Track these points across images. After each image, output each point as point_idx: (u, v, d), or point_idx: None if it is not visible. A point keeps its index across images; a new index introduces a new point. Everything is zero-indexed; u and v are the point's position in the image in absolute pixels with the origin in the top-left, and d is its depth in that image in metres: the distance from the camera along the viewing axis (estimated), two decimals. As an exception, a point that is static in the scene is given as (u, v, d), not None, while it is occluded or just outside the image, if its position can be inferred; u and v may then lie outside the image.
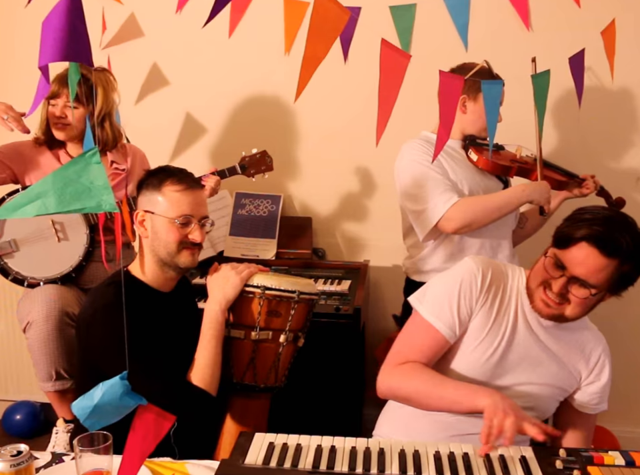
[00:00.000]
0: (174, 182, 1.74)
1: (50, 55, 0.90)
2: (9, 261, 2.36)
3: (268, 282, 1.77)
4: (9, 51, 2.99)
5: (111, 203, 0.86)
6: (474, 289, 1.66)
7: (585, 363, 1.70)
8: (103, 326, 1.66)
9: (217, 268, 1.81)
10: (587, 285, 1.54)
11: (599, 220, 1.53)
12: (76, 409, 1.09)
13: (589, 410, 1.72)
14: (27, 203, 0.87)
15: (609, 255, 1.50)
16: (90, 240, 2.40)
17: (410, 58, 1.25)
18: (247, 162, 2.57)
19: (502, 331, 1.67)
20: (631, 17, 2.58)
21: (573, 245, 1.53)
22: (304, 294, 1.80)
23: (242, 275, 1.75)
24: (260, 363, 1.80)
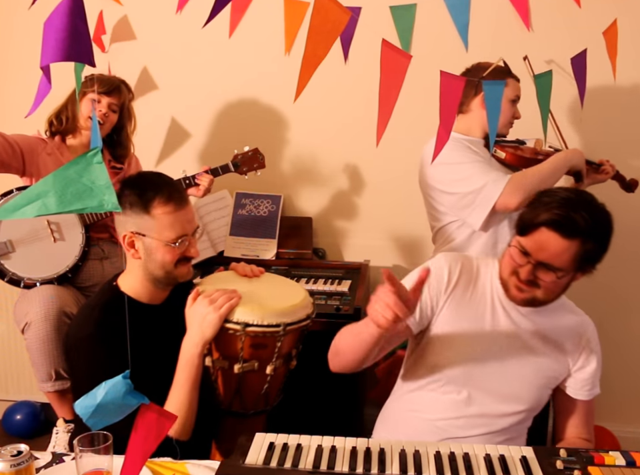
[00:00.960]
0: (162, 203, 1.64)
1: (51, 55, 0.90)
2: (5, 262, 2.35)
3: (250, 317, 1.61)
4: (9, 51, 2.99)
5: (114, 202, 0.86)
6: (440, 282, 1.69)
7: (572, 350, 1.70)
8: (81, 358, 1.64)
9: (196, 297, 1.65)
10: (553, 269, 1.55)
11: (556, 203, 1.55)
12: (79, 409, 1.10)
13: (583, 396, 1.72)
14: (27, 203, 0.87)
15: (569, 237, 1.52)
16: (86, 240, 2.41)
17: (411, 58, 1.25)
18: (240, 160, 2.59)
19: (479, 325, 1.68)
20: (631, 17, 2.58)
21: (533, 231, 1.55)
22: (292, 325, 1.65)
23: (220, 312, 1.59)
24: (247, 392, 1.70)
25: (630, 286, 2.87)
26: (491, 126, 1.43)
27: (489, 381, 1.68)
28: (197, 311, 1.61)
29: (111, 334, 1.59)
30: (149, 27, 2.91)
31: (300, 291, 1.79)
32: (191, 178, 2.49)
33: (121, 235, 1.68)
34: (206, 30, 1.67)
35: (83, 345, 1.63)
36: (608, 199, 2.43)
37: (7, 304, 2.99)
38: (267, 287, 1.77)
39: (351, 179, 2.93)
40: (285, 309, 1.66)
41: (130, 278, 1.73)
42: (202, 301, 1.61)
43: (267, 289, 1.75)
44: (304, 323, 1.69)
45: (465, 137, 2.29)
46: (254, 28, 2.64)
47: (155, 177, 1.72)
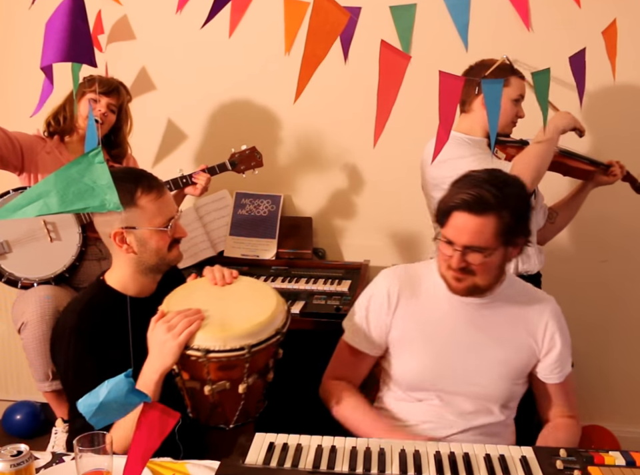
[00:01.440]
0: (146, 192, 1.67)
1: (52, 55, 0.90)
2: (2, 263, 2.35)
3: (211, 343, 1.49)
4: (11, 51, 2.99)
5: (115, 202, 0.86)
6: (381, 305, 1.74)
7: (533, 336, 1.68)
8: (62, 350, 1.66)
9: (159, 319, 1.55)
10: (478, 250, 1.56)
11: (465, 185, 1.58)
12: (81, 407, 1.09)
13: (554, 380, 1.71)
14: (28, 203, 0.87)
15: (481, 214, 1.53)
16: (83, 240, 2.40)
17: (410, 59, 1.25)
18: (237, 158, 2.59)
19: (433, 329, 1.69)
20: (631, 17, 2.58)
21: (449, 219, 1.57)
22: (258, 345, 1.52)
23: (179, 340, 1.48)
24: (223, 409, 1.61)
25: (630, 286, 2.87)
26: (491, 125, 1.43)
27: (453, 382, 1.68)
28: (156, 338, 1.52)
29: (93, 327, 1.62)
30: (149, 26, 2.91)
31: (271, 302, 1.64)
32: (187, 177, 2.49)
33: (109, 234, 1.68)
34: (205, 30, 1.66)
35: (65, 336, 1.65)
36: (598, 195, 2.46)
37: (6, 304, 2.99)
38: (236, 299, 1.66)
39: (351, 179, 2.93)
40: (250, 329, 1.53)
41: (118, 273, 1.74)
42: (160, 327, 1.52)
43: (235, 303, 1.64)
44: (272, 340, 1.56)
45: (467, 136, 2.29)
46: (253, 28, 2.64)
47: (128, 171, 1.76)
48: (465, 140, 2.25)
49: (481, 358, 1.67)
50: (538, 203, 2.44)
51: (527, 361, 1.70)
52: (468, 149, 2.20)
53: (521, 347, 1.68)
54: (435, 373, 1.68)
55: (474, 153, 2.18)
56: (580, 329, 2.83)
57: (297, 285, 2.60)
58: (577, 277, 2.85)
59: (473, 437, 1.66)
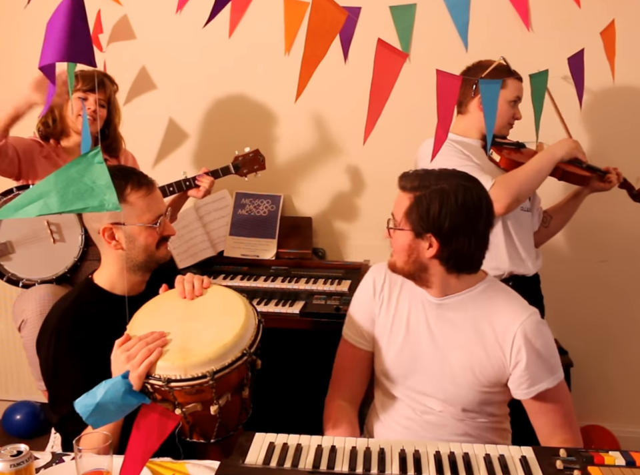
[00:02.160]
0: (135, 188, 1.68)
1: (51, 55, 0.90)
2: (4, 263, 2.36)
3: (171, 372, 1.42)
4: (11, 51, 2.99)
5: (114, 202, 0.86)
6: (367, 294, 1.78)
7: (501, 346, 1.61)
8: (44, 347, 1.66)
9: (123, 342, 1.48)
10: (391, 220, 1.64)
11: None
12: (78, 407, 1.09)
13: (522, 395, 1.62)
14: (29, 203, 0.87)
15: (402, 189, 1.61)
16: (85, 241, 2.40)
17: (406, 57, 1.25)
18: (240, 161, 2.59)
19: (406, 327, 1.71)
20: (630, 18, 2.58)
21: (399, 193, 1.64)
22: (222, 370, 1.44)
23: (139, 371, 1.41)
24: (202, 426, 1.57)
25: (630, 286, 2.87)
26: (488, 126, 1.43)
27: (419, 381, 1.69)
28: (117, 365, 1.46)
29: (75, 327, 1.63)
30: (148, 26, 2.91)
31: (239, 317, 1.55)
32: (191, 179, 2.49)
33: (97, 230, 1.69)
34: (205, 30, 1.67)
35: (47, 335, 1.66)
36: (599, 197, 2.46)
37: (6, 304, 2.99)
38: (202, 317, 1.58)
39: (351, 179, 2.93)
40: (212, 354, 1.45)
41: (106, 272, 1.75)
42: (120, 357, 1.45)
43: (200, 321, 1.56)
44: (237, 363, 1.47)
45: (461, 139, 2.29)
46: (254, 28, 2.64)
47: (118, 168, 1.76)
48: (456, 145, 2.24)
49: (442, 360, 1.66)
50: (534, 206, 2.44)
51: (497, 371, 1.63)
52: (454, 160, 2.18)
53: (489, 355, 1.62)
54: (403, 369, 1.70)
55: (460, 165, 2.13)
56: (580, 329, 2.84)
57: (296, 285, 2.60)
58: (576, 278, 2.86)
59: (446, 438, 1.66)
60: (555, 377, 1.61)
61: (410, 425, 1.71)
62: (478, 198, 1.60)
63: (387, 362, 1.73)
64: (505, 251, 2.27)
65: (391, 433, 1.73)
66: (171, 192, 2.46)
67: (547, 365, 1.61)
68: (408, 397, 1.72)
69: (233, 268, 2.75)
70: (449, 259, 1.61)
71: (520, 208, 2.26)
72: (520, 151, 2.35)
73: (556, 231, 2.54)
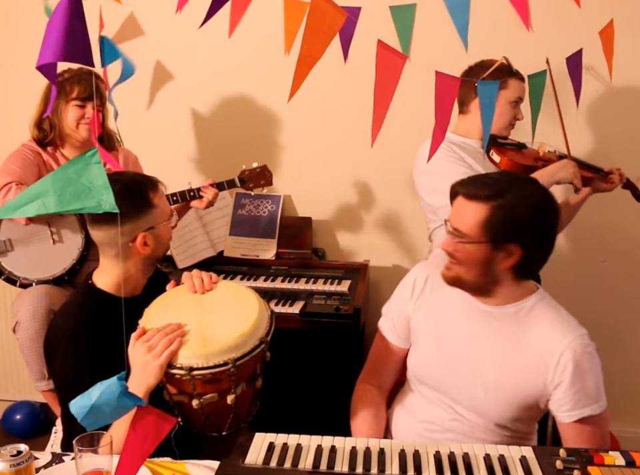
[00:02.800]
0: (152, 190, 1.73)
1: (48, 55, 0.90)
2: (2, 261, 2.36)
3: (193, 361, 1.46)
4: (12, 51, 2.99)
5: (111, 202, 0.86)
6: (405, 293, 1.75)
7: (545, 364, 1.55)
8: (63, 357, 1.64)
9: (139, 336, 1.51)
10: (460, 235, 1.54)
11: (475, 176, 1.60)
12: (74, 409, 1.09)
13: (563, 418, 1.56)
14: (27, 203, 0.87)
15: (472, 199, 1.52)
16: (85, 243, 2.40)
17: (406, 59, 1.25)
18: (247, 176, 2.57)
19: (444, 329, 1.67)
20: (630, 17, 2.58)
21: (454, 202, 1.58)
22: (242, 358, 1.48)
23: (160, 361, 1.44)
24: (215, 418, 1.59)
25: (630, 286, 2.87)
26: (485, 127, 1.43)
27: (454, 389, 1.64)
28: (137, 359, 1.48)
29: (90, 332, 1.62)
30: (148, 26, 2.91)
31: (253, 309, 1.59)
32: (195, 190, 2.46)
33: (127, 243, 1.69)
34: (205, 30, 1.67)
35: (61, 342, 1.64)
36: (599, 197, 2.46)
37: (5, 304, 2.99)
38: (216, 309, 1.62)
39: (351, 179, 2.93)
40: (233, 342, 1.49)
41: (108, 276, 1.73)
42: (140, 348, 1.47)
43: (216, 313, 1.60)
44: (256, 351, 1.52)
45: (461, 140, 2.29)
46: (253, 28, 2.64)
47: (132, 178, 1.76)
48: (453, 147, 2.23)
49: (483, 373, 1.60)
50: None
51: (535, 388, 1.57)
52: (446, 165, 2.17)
53: (530, 374, 1.56)
54: (437, 373, 1.67)
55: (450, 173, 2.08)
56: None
57: (296, 285, 2.60)
58: (576, 278, 2.85)
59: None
60: (599, 405, 1.54)
61: (434, 428, 1.68)
62: (551, 199, 1.57)
63: (421, 364, 1.71)
64: None
65: (410, 430, 1.72)
66: (175, 201, 2.44)
67: (591, 389, 1.54)
68: (439, 401, 1.68)
69: (232, 268, 2.75)
70: (524, 268, 1.55)
71: None
72: (521, 152, 2.34)
73: (558, 231, 2.54)
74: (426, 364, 1.69)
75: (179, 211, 2.51)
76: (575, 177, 2.20)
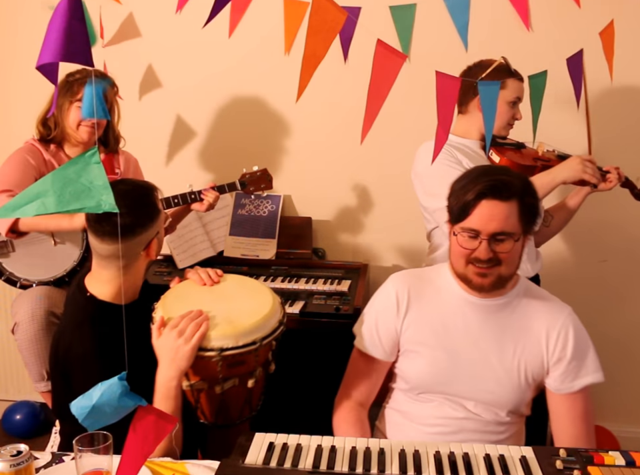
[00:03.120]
0: (157, 196, 1.75)
1: (48, 55, 0.90)
2: (3, 261, 2.36)
3: (223, 341, 1.53)
4: (13, 51, 2.98)
5: (111, 203, 0.86)
6: (391, 309, 1.72)
7: (544, 343, 1.64)
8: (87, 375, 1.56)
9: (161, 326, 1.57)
10: (507, 235, 1.55)
11: (479, 176, 1.58)
12: (74, 409, 1.09)
13: (565, 390, 1.64)
14: (26, 203, 0.87)
15: (509, 199, 1.54)
16: (86, 246, 2.39)
17: (405, 58, 1.25)
18: (247, 179, 2.56)
19: (443, 332, 1.67)
20: (630, 18, 2.58)
21: (473, 209, 1.55)
22: (267, 338, 1.58)
23: (192, 344, 1.50)
24: (231, 406, 1.65)
25: (630, 286, 2.87)
26: (487, 128, 1.43)
27: (463, 387, 1.66)
28: (167, 345, 1.52)
29: (109, 345, 1.57)
30: (148, 26, 2.91)
31: (267, 295, 1.69)
32: (196, 193, 2.45)
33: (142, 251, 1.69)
34: (205, 30, 1.67)
35: (89, 365, 1.59)
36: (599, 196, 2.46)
37: (5, 304, 2.99)
38: (231, 297, 1.69)
39: (351, 179, 2.93)
40: (257, 323, 1.58)
41: (109, 285, 1.68)
42: (170, 334, 1.52)
43: (232, 300, 1.67)
44: (277, 331, 1.62)
45: (460, 141, 2.28)
46: (253, 28, 2.64)
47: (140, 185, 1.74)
48: (451, 149, 2.22)
49: (492, 365, 1.64)
50: None
51: (538, 370, 1.66)
52: (443, 168, 2.15)
53: (533, 355, 1.64)
54: (445, 378, 1.67)
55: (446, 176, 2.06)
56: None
57: (296, 285, 2.60)
58: (576, 278, 2.85)
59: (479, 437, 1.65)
60: (599, 374, 1.65)
61: (447, 430, 1.68)
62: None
63: (422, 371, 1.69)
64: None
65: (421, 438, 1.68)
66: (176, 204, 2.42)
67: (591, 359, 1.66)
68: (449, 402, 1.68)
69: (232, 268, 2.74)
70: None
71: None
72: (520, 152, 2.34)
73: (557, 230, 2.54)
74: (429, 372, 1.68)
75: (180, 214, 2.50)
76: (584, 173, 2.13)
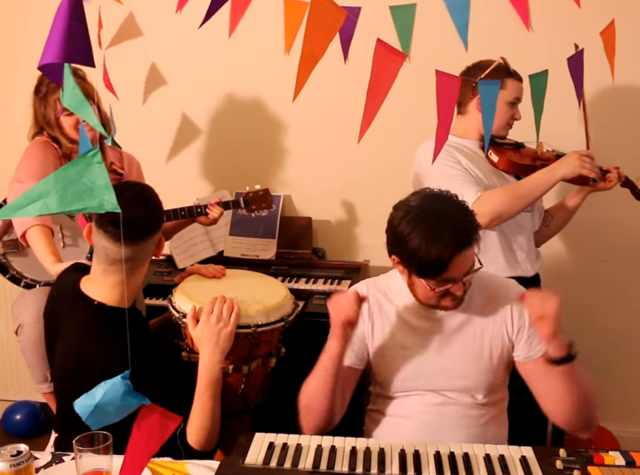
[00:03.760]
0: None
1: (49, 56, 0.90)
2: (12, 259, 2.35)
3: (257, 318, 1.71)
4: (17, 51, 2.99)
5: (113, 203, 0.86)
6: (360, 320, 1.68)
7: (502, 320, 1.69)
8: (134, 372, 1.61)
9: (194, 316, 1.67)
10: (473, 270, 1.61)
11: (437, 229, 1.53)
12: (78, 408, 1.09)
13: (537, 353, 1.67)
14: (29, 203, 0.87)
15: (473, 240, 1.57)
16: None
17: (405, 57, 1.25)
18: (250, 197, 2.58)
19: (408, 332, 1.70)
20: (630, 17, 2.58)
21: (450, 265, 1.54)
22: (291, 315, 1.79)
23: (232, 324, 1.64)
24: (251, 389, 1.75)
25: (630, 286, 2.87)
26: (486, 128, 1.43)
27: (436, 381, 1.69)
28: (208, 330, 1.63)
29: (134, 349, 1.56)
30: (148, 26, 2.91)
31: (275, 282, 1.90)
32: (202, 207, 2.45)
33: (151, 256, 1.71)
34: (205, 30, 1.67)
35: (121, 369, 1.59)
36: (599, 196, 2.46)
37: (6, 304, 2.99)
38: (245, 285, 1.83)
39: (351, 179, 2.93)
40: (282, 301, 1.76)
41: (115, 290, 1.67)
42: (209, 321, 1.64)
43: (248, 287, 1.81)
44: (296, 312, 1.83)
45: (459, 141, 2.28)
46: (253, 28, 2.64)
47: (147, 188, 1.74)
48: (451, 150, 2.22)
49: (461, 355, 1.68)
50: (535, 206, 2.42)
51: (505, 347, 1.69)
52: (443, 168, 2.16)
53: (495, 334, 1.69)
54: (419, 375, 1.69)
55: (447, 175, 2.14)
56: (579, 329, 2.83)
57: (296, 285, 2.60)
58: (576, 278, 2.85)
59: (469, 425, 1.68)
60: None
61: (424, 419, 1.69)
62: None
63: (394, 374, 1.70)
64: (501, 255, 2.28)
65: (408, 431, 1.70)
66: (182, 216, 2.42)
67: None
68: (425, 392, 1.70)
69: (232, 268, 2.74)
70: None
71: None
72: (519, 151, 2.34)
73: (557, 230, 2.54)
74: (401, 375, 1.70)
75: (182, 225, 2.51)
76: (582, 168, 2.12)
